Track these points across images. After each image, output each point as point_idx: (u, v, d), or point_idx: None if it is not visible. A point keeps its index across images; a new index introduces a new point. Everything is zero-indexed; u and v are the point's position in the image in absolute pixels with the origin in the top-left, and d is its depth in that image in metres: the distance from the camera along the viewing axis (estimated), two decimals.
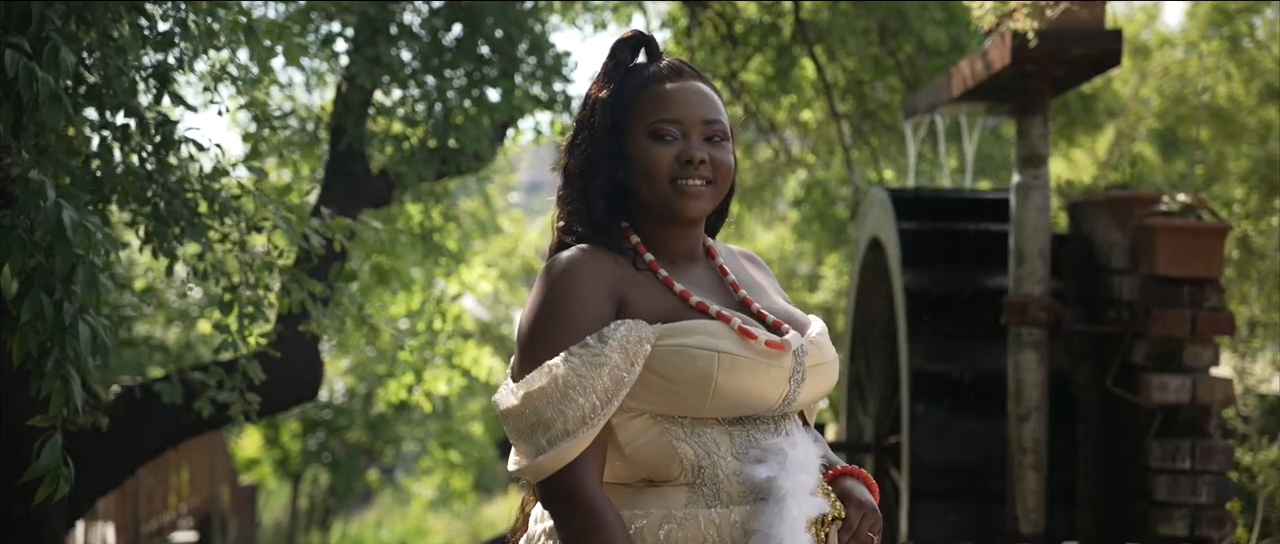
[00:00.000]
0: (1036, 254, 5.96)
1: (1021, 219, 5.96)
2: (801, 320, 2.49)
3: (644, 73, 2.46)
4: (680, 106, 2.37)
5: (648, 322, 2.28)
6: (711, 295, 2.43)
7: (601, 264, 2.32)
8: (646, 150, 2.36)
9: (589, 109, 2.47)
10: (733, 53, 9.26)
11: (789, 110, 10.13)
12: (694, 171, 2.35)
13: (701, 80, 2.47)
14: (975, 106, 6.75)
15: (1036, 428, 5.96)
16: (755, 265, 2.65)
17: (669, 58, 2.50)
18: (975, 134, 8.25)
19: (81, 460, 6.20)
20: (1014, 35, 5.65)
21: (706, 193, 2.36)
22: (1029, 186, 5.95)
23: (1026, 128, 5.94)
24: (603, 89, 2.47)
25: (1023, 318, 5.95)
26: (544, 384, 2.24)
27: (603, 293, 2.29)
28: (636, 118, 2.38)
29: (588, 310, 2.27)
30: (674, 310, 2.32)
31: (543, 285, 2.31)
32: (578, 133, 2.47)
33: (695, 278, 2.44)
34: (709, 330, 2.28)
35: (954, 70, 6.50)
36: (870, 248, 7.40)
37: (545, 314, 2.28)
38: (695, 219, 2.39)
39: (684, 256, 2.43)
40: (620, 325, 2.26)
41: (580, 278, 2.28)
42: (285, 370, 6.61)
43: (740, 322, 2.30)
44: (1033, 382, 5.96)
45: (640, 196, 2.38)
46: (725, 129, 2.40)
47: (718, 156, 2.37)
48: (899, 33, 9.00)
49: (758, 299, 2.49)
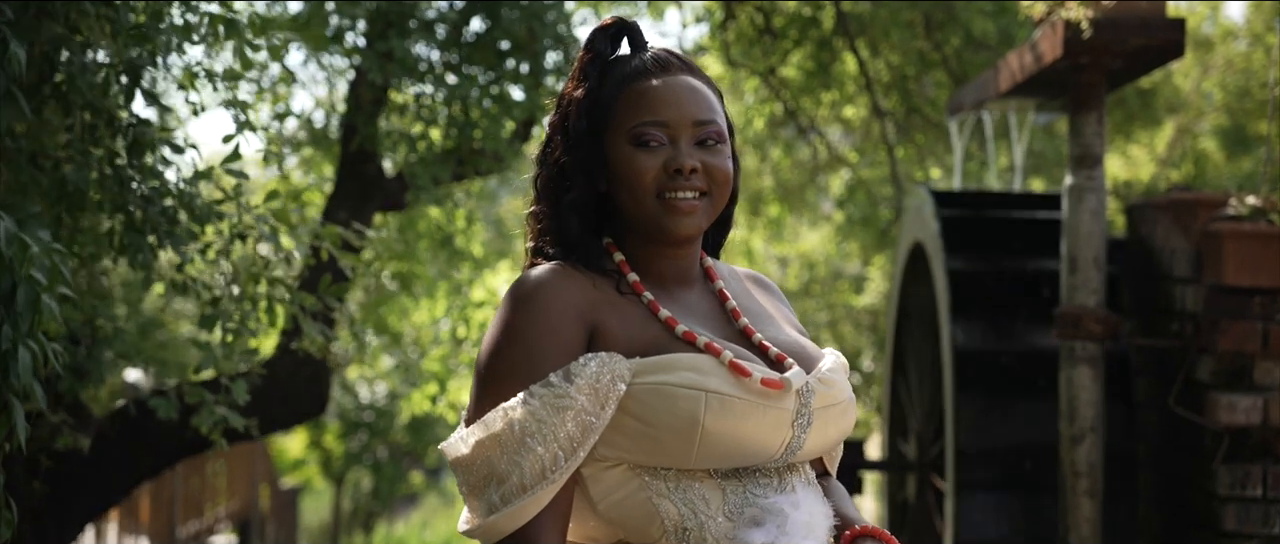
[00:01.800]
0: (1091, 262, 5.69)
1: (1074, 224, 5.70)
2: (812, 354, 2.21)
3: (625, 67, 2.18)
4: (667, 106, 2.12)
5: (625, 354, 2.04)
6: (705, 324, 2.16)
7: (574, 285, 2.08)
8: (629, 159, 2.11)
9: (562, 111, 2.19)
10: (771, 47, 8.94)
11: (830, 107, 9.81)
12: (684, 182, 2.10)
13: (692, 73, 2.19)
14: (1025, 102, 6.50)
15: (1092, 451, 5.68)
16: (763, 290, 2.37)
17: (654, 49, 2.21)
18: (1025, 132, 7.90)
19: (73, 482, 5.97)
20: (1066, 25, 5.40)
21: (700, 207, 2.12)
22: (1083, 189, 5.68)
23: (1080, 125, 5.66)
24: (578, 88, 2.19)
25: (1076, 331, 5.67)
26: (498, 430, 2.01)
27: (572, 319, 2.05)
28: (617, 121, 2.14)
29: (553, 340, 2.03)
30: (656, 341, 2.07)
31: (503, 309, 2.08)
32: (551, 139, 2.20)
33: (688, 303, 2.18)
34: (695, 366, 2.03)
35: (1002, 63, 6.26)
36: (911, 254, 7.04)
37: (503, 344, 2.05)
38: (687, 239, 2.15)
39: (676, 279, 2.19)
40: (591, 360, 2.02)
41: (547, 301, 2.05)
42: (289, 386, 6.39)
43: (732, 355, 2.05)
44: (1087, 400, 5.69)
45: (624, 212, 2.15)
46: (721, 130, 2.15)
47: (712, 163, 2.12)
48: (945, 25, 8.75)
49: (761, 329, 2.21)
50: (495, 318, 2.10)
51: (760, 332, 2.19)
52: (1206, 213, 5.73)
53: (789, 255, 13.26)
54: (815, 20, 9.04)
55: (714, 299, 2.22)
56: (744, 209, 11.18)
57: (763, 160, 10.70)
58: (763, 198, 10.96)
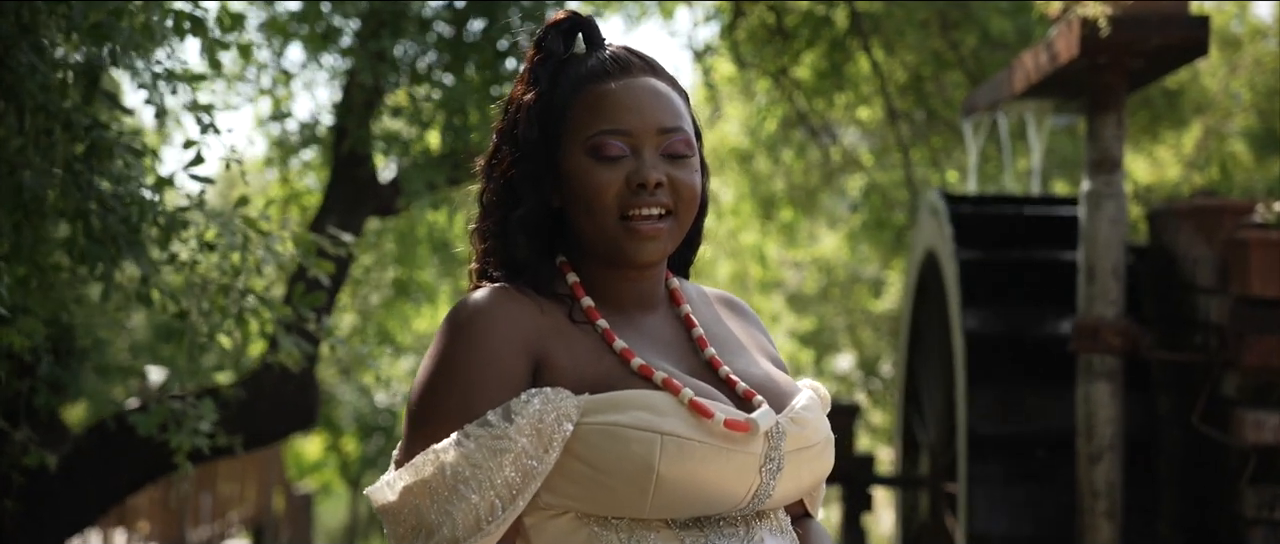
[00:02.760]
0: (1109, 271, 5.55)
1: (1092, 232, 5.59)
2: (785, 389, 2.00)
3: (580, 68, 1.96)
4: (628, 112, 1.92)
5: (573, 389, 1.85)
6: (667, 354, 1.96)
7: (518, 311, 1.89)
8: (586, 172, 1.92)
9: (511, 118, 1.98)
10: (783, 48, 8.72)
11: (844, 109, 9.60)
12: (648, 199, 1.90)
13: (656, 74, 1.98)
14: (1041, 103, 6.26)
15: (1110, 470, 5.56)
16: (736, 314, 2.15)
17: (613, 47, 1.99)
18: (1044, 133, 7.68)
19: (50, 501, 5.81)
20: (1083, 23, 5.26)
21: (664, 230, 1.92)
22: (1101, 195, 5.56)
23: (1098, 128, 5.54)
24: (527, 91, 1.97)
25: (1094, 344, 5.55)
26: (428, 476, 1.83)
27: (515, 350, 1.86)
28: (572, 128, 1.94)
29: (491, 373, 1.84)
30: (608, 375, 1.88)
31: (438, 338, 1.89)
32: (498, 148, 1.99)
33: (648, 331, 1.98)
34: (650, 404, 1.84)
35: (1016, 63, 6.14)
36: (925, 261, 6.85)
37: (436, 378, 1.86)
38: (649, 265, 1.95)
39: (637, 303, 1.98)
40: (534, 397, 1.82)
41: (486, 329, 1.86)
42: (277, 397, 6.21)
43: (692, 393, 1.85)
44: (1106, 417, 5.59)
45: (581, 231, 1.94)
46: (689, 139, 1.95)
47: (679, 177, 1.93)
48: (961, 24, 8.50)
49: (730, 359, 2.00)
50: (430, 347, 1.91)
51: (728, 363, 1.99)
52: (1232, 220, 5.62)
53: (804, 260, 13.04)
54: (828, 20, 8.83)
55: (679, 325, 2.02)
56: (757, 213, 10.96)
57: (775, 163, 10.50)
58: (775, 201, 10.75)
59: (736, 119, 10.51)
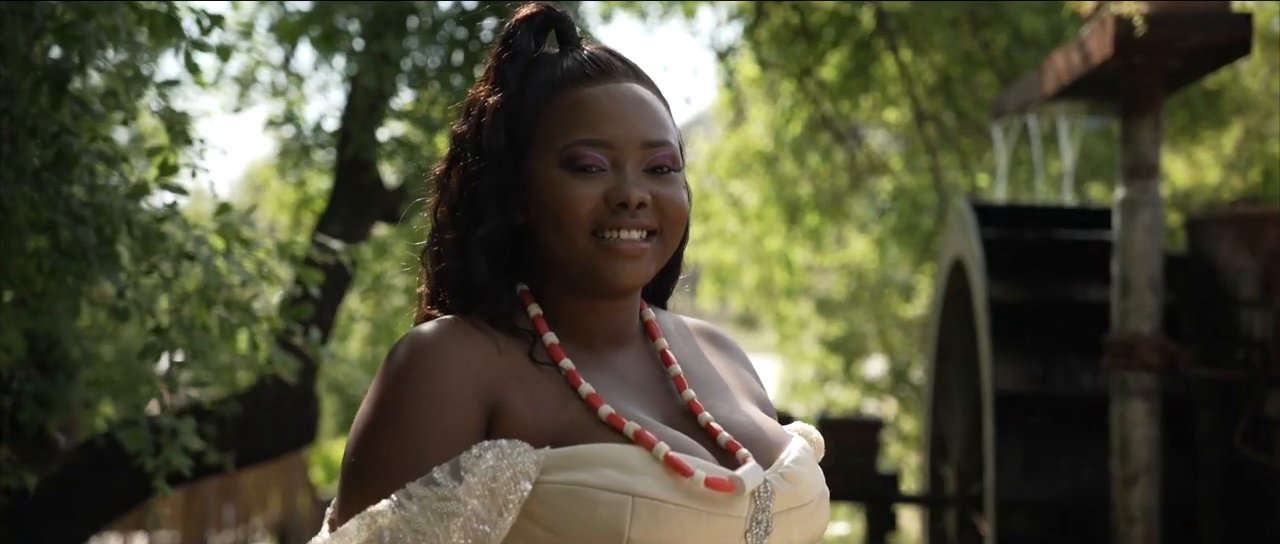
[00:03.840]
0: (1145, 283, 5.37)
1: (1127, 242, 5.41)
2: (773, 439, 1.78)
3: (553, 69, 1.76)
4: (610, 121, 1.72)
5: (533, 441, 1.64)
6: (640, 397, 1.74)
7: (472, 350, 1.68)
8: (559, 186, 1.71)
9: (474, 122, 1.76)
10: (807, 48, 8.50)
11: (870, 110, 9.38)
12: (629, 219, 1.71)
13: (639, 80, 1.78)
14: (1074, 105, 6.07)
15: (1147, 494, 5.37)
16: (719, 350, 1.92)
17: (591, 47, 1.78)
18: (1076, 137, 7.45)
19: (40, 520, 5.63)
20: (1117, 22, 5.08)
21: (647, 251, 1.72)
22: (1136, 203, 5.39)
23: (1133, 132, 5.36)
24: (493, 93, 1.75)
25: (1129, 361, 5.37)
26: (364, 540, 1.63)
27: (466, 395, 1.65)
28: (545, 136, 1.73)
29: (439, 424, 1.64)
30: (573, 426, 1.67)
31: (379, 381, 1.69)
32: (456, 157, 1.76)
33: (619, 371, 1.76)
34: (620, 461, 1.64)
35: (1047, 64, 5.97)
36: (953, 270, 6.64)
37: (375, 427, 1.66)
38: (627, 290, 1.74)
39: (607, 338, 1.77)
40: (487, 451, 1.62)
41: (434, 370, 1.65)
42: (274, 413, 6.03)
43: (669, 447, 1.64)
44: (1142, 438, 5.42)
45: (549, 252, 1.73)
46: (675, 153, 1.75)
47: (665, 196, 1.73)
48: (992, 22, 8.26)
49: (711, 403, 1.78)
50: (370, 391, 1.69)
51: (709, 407, 1.76)
52: (1276, 228, 5.49)
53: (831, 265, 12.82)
54: (854, 19, 8.60)
55: (653, 363, 1.79)
56: (782, 217, 10.74)
57: (800, 166, 10.29)
58: (800, 206, 10.53)
59: (761, 121, 10.30)
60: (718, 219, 11.43)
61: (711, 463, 1.67)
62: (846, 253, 12.80)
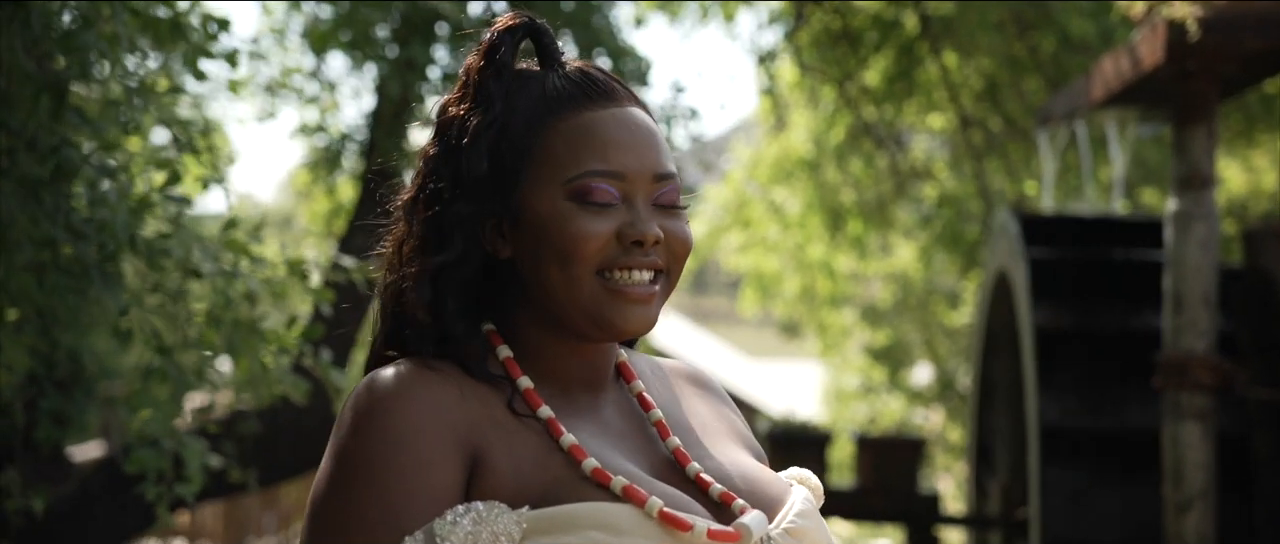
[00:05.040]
0: (1199, 299, 5.17)
1: (1180, 256, 5.21)
2: (772, 490, 1.61)
3: (546, 88, 1.58)
4: (623, 151, 1.57)
5: (512, 501, 1.48)
6: (621, 447, 1.58)
7: (442, 396, 1.52)
8: (567, 220, 1.55)
9: (449, 140, 1.57)
10: (848, 52, 8.31)
11: (914, 116, 9.19)
12: (640, 258, 1.56)
13: (638, 104, 1.61)
14: (1124, 112, 5.84)
15: (1202, 520, 5.15)
16: (700, 391, 1.73)
17: (578, 63, 1.61)
18: (1127, 144, 7.24)
19: (58, 539, 5.53)
20: (1169, 26, 4.89)
21: (655, 297, 1.58)
22: (1190, 215, 5.20)
23: (1186, 141, 5.18)
24: (475, 110, 1.57)
25: (1182, 380, 5.17)
26: None
27: (444, 451, 1.49)
28: (547, 163, 1.57)
29: (414, 483, 1.48)
30: (556, 483, 1.51)
31: (342, 433, 1.52)
32: (426, 180, 1.58)
33: (600, 419, 1.60)
34: (609, 522, 1.49)
35: (1095, 69, 5.81)
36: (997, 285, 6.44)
37: (340, 486, 1.50)
38: (633, 336, 1.60)
39: (584, 383, 1.61)
40: (463, 517, 1.47)
41: (405, 420, 1.50)
42: (296, 430, 5.90)
43: (661, 502, 1.49)
44: (1196, 461, 5.23)
45: (545, 291, 1.57)
46: (680, 188, 1.61)
47: (675, 232, 1.59)
48: (1039, 25, 8.02)
49: (697, 454, 1.61)
50: (331, 443, 1.52)
51: (697, 458, 1.59)
52: None
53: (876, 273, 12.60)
54: (897, 22, 8.41)
55: (632, 409, 1.62)
56: (826, 224, 10.54)
57: (843, 173, 10.10)
58: (843, 213, 10.33)
59: (802, 127, 10.12)
60: (759, 226, 11.24)
61: (709, 518, 1.50)
62: (891, 261, 12.60)
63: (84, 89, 3.95)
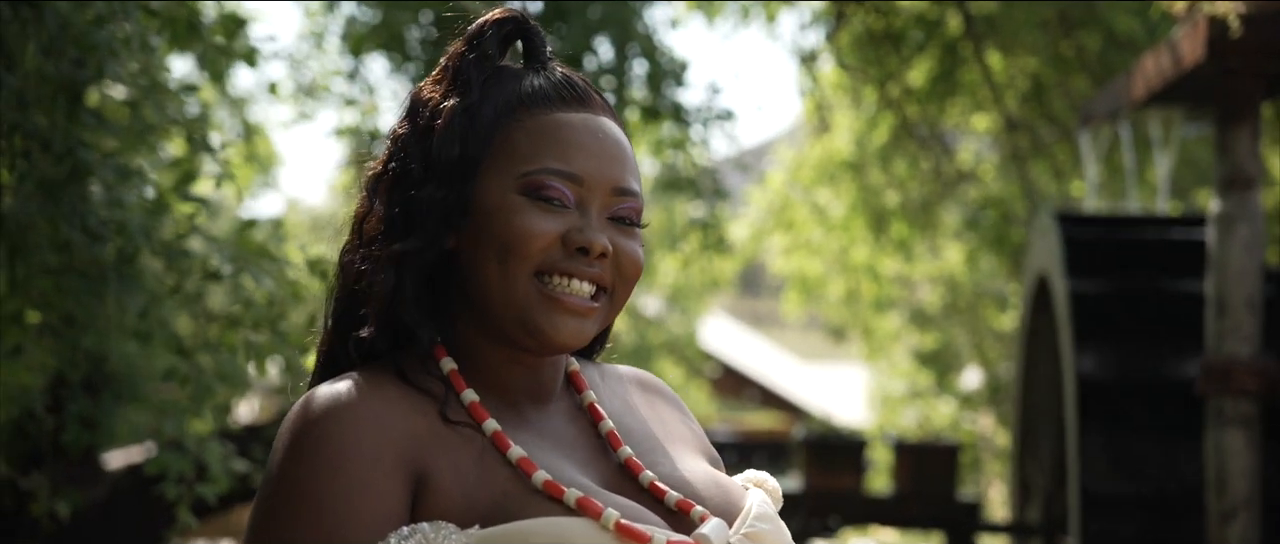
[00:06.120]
0: (1243, 303, 5.05)
1: (1223, 259, 5.09)
2: (730, 495, 1.58)
3: (521, 84, 1.54)
4: (585, 155, 1.52)
5: (460, 519, 1.42)
6: (572, 459, 1.53)
7: (388, 412, 1.45)
8: (514, 214, 1.49)
9: (419, 126, 1.52)
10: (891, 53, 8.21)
11: (958, 117, 9.07)
12: (583, 267, 1.50)
13: (613, 117, 1.57)
14: (1168, 111, 5.68)
15: (1247, 530, 5.03)
16: (655, 399, 1.68)
17: (564, 70, 1.56)
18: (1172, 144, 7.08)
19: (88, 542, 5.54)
20: (1211, 23, 4.78)
21: (594, 312, 1.52)
22: (1233, 217, 5.06)
23: (1229, 141, 5.05)
24: (450, 95, 1.52)
25: (1226, 387, 5.03)
26: None
27: (387, 468, 1.43)
28: (505, 154, 1.51)
29: (357, 503, 1.41)
30: (505, 498, 1.45)
31: (281, 451, 1.44)
32: (388, 163, 1.53)
33: (548, 431, 1.54)
34: (562, 536, 1.43)
35: (1136, 68, 5.65)
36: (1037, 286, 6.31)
37: (280, 507, 1.43)
38: (561, 350, 1.53)
39: (531, 395, 1.55)
40: (409, 537, 1.41)
41: (348, 438, 1.43)
42: None
43: (617, 513, 1.44)
44: (1240, 470, 5.09)
45: (481, 288, 1.50)
46: (640, 208, 1.56)
47: (626, 249, 1.53)
48: (1085, 24, 7.86)
49: (652, 461, 1.56)
50: (268, 467, 1.45)
51: (651, 466, 1.54)
52: None
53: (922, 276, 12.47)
54: (940, 22, 8.30)
55: (582, 420, 1.57)
56: (870, 227, 10.42)
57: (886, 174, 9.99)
58: (886, 215, 10.21)
59: (845, 128, 10.02)
60: (802, 229, 11.14)
61: (666, 528, 1.45)
62: (938, 263, 12.47)
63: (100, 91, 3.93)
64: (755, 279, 26.52)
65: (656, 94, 6.80)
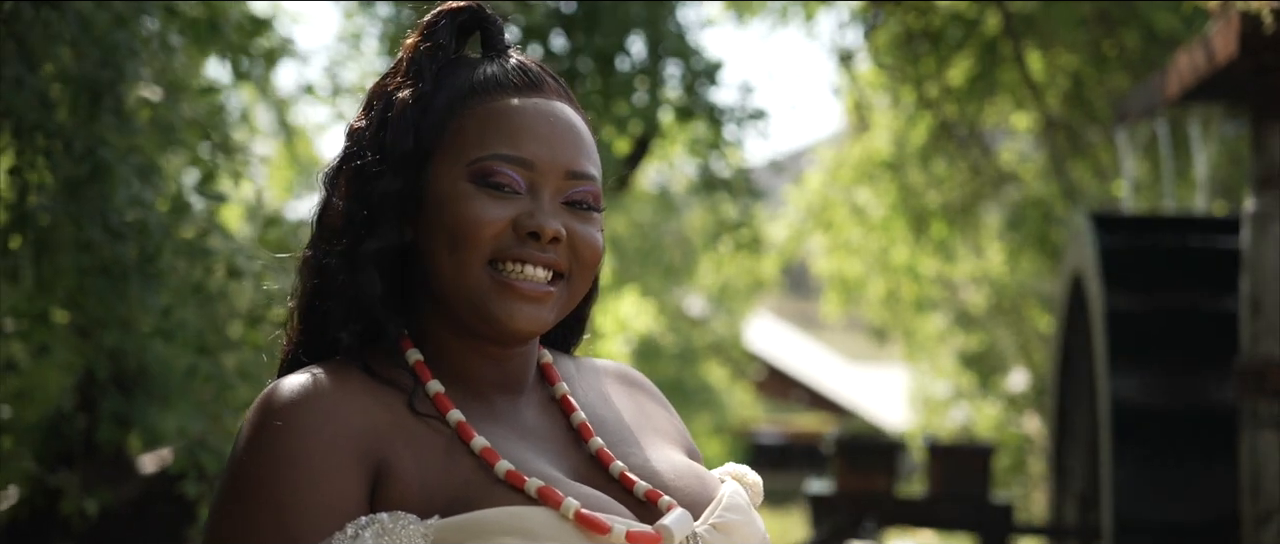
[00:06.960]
0: (1278, 304, 4.96)
1: (1258, 258, 5.00)
2: (702, 486, 1.57)
3: (473, 73, 1.54)
4: (534, 140, 1.52)
5: (421, 510, 1.43)
6: (541, 450, 1.52)
7: (348, 404, 1.46)
8: (464, 202, 1.50)
9: (375, 118, 1.54)
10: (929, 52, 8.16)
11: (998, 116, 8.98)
12: (536, 253, 1.50)
13: (569, 102, 1.57)
14: (1204, 108, 5.58)
15: None
16: (632, 391, 1.69)
17: (518, 56, 1.57)
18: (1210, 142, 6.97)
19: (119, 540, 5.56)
20: (1243, 18, 4.67)
21: (551, 297, 1.51)
22: (1268, 216, 4.98)
23: (1264, 138, 4.96)
24: (404, 86, 1.53)
25: (1261, 387, 4.93)
26: None
27: (345, 460, 1.43)
28: (455, 143, 1.52)
29: (315, 494, 1.42)
30: (466, 488, 1.45)
31: (242, 444, 1.46)
32: (350, 157, 1.54)
33: (516, 422, 1.54)
34: (522, 526, 1.43)
35: (1171, 65, 5.57)
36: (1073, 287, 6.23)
37: (238, 501, 1.44)
38: (519, 337, 1.52)
39: (500, 386, 1.55)
40: (365, 530, 1.41)
41: (304, 431, 1.44)
42: None
43: (577, 503, 1.45)
44: (1275, 473, 5.02)
45: (437, 279, 1.51)
46: (598, 192, 1.56)
47: (581, 234, 1.53)
48: (1125, 21, 7.76)
49: (625, 451, 1.57)
50: (228, 459, 1.46)
51: (623, 457, 1.54)
52: None
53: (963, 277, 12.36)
54: (979, 21, 8.22)
55: (554, 411, 1.57)
56: (910, 227, 10.34)
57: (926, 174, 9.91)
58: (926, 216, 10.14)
59: (885, 128, 9.95)
60: (842, 229, 11.08)
61: (630, 518, 1.45)
62: (979, 264, 12.36)
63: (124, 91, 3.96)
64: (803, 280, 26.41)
65: (691, 94, 6.78)
